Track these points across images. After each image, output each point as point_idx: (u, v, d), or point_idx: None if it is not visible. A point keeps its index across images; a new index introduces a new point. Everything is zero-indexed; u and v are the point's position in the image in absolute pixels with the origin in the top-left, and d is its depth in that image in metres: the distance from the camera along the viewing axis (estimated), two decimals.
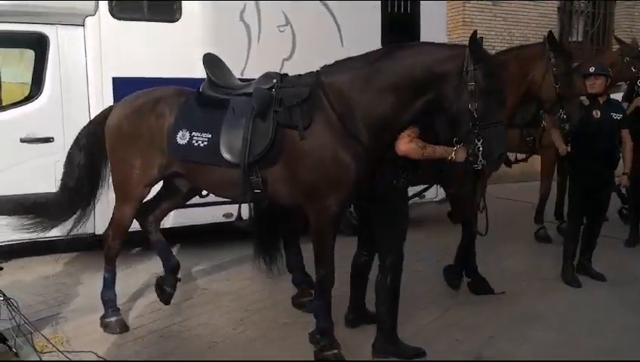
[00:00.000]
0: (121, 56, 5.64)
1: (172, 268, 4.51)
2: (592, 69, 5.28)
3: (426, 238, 6.64)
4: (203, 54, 4.11)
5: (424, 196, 5.26)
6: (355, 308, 4.31)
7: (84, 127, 4.49)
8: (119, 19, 5.64)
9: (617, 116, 5.32)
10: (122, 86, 5.38)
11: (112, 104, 4.84)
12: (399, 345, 3.83)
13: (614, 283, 5.42)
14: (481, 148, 3.35)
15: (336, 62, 3.75)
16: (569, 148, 5.26)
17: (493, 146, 3.37)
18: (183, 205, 4.80)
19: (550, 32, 5.18)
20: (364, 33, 6.36)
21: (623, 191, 6.99)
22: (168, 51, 5.75)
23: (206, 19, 5.91)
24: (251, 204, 3.86)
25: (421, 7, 6.93)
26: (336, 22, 6.52)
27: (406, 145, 3.56)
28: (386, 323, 3.83)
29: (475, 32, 3.48)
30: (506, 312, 4.71)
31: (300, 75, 3.87)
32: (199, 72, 4.17)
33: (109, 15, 5.59)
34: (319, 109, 3.59)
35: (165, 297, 4.47)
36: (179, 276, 4.61)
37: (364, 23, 6.55)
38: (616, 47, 7.94)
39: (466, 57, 3.36)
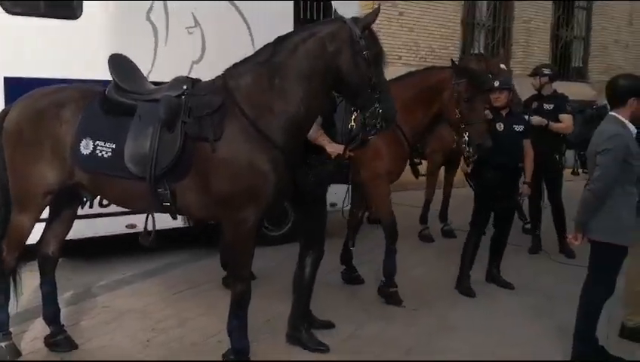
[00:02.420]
0: (14, 55, 5.15)
1: (51, 317, 4.06)
2: (496, 83, 5.37)
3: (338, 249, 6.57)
4: (109, 55, 3.80)
5: (335, 205, 5.30)
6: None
7: None
8: (13, 13, 5.15)
9: (519, 128, 5.44)
10: (15, 87, 4.88)
11: (3, 107, 4.37)
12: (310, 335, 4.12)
13: (521, 290, 5.55)
14: (381, 111, 3.44)
15: (236, 65, 3.58)
16: (469, 169, 5.37)
17: (390, 107, 3.51)
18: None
19: (452, 60, 5.32)
20: (276, 36, 6.18)
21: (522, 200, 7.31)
22: (68, 50, 5.31)
23: (109, 18, 5.52)
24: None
25: (333, 13, 6.85)
26: (247, 24, 6.32)
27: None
28: (298, 312, 4.13)
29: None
30: (421, 323, 4.70)
31: (212, 80, 3.65)
32: (102, 73, 3.85)
33: (1, 9, 5.10)
34: (231, 117, 3.41)
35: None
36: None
37: (276, 25, 6.37)
38: (518, 59, 8.24)
39: (351, 27, 3.42)
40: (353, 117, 3.58)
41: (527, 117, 6.60)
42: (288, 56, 3.45)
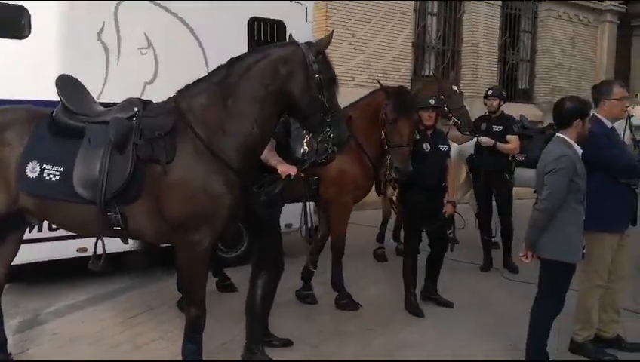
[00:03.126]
0: None
1: None
2: (432, 101, 5.38)
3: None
4: (57, 76, 3.72)
5: (291, 225, 5.36)
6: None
7: None
8: None
9: (444, 148, 5.47)
10: None
11: None
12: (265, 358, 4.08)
13: (474, 308, 5.62)
14: (332, 136, 3.47)
15: (188, 86, 3.56)
16: (395, 194, 5.41)
17: (341, 131, 3.54)
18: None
19: (379, 82, 5.41)
20: (230, 56, 6.18)
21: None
22: (15, 71, 5.18)
23: (59, 38, 5.43)
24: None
25: (287, 35, 6.90)
26: (200, 45, 6.30)
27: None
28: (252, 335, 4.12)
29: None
30: (377, 343, 4.71)
31: (164, 101, 3.62)
32: (52, 94, 3.76)
33: None
34: (185, 139, 3.38)
35: None
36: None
37: (231, 47, 6.37)
38: (468, 80, 8.42)
39: (304, 51, 3.46)
40: (305, 140, 3.60)
41: (475, 137, 6.78)
42: (242, 77, 3.45)
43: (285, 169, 3.84)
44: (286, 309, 5.24)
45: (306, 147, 3.66)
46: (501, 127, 6.93)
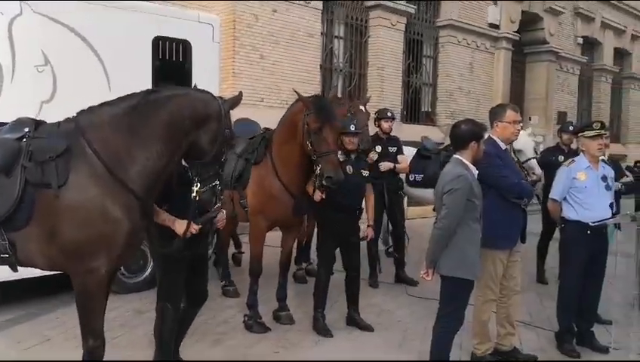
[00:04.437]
0: None
1: None
2: (352, 127, 5.46)
3: None
4: None
5: None
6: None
7: None
8: None
9: (365, 173, 5.60)
10: None
11: None
12: None
13: (382, 326, 5.70)
14: (219, 188, 3.54)
15: (92, 108, 3.44)
16: (323, 195, 5.30)
17: (223, 185, 3.61)
18: None
19: (296, 91, 5.41)
20: (133, 77, 6.05)
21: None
22: None
23: None
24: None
25: (193, 55, 6.85)
26: (102, 64, 6.13)
27: None
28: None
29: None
30: None
31: (58, 122, 3.47)
32: None
33: None
34: (81, 161, 3.25)
35: None
36: None
37: (134, 66, 6.27)
38: (373, 103, 8.64)
39: (220, 103, 3.50)
40: (195, 188, 3.48)
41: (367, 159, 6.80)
42: (157, 107, 3.39)
43: (181, 228, 3.63)
44: (197, 334, 5.12)
45: (195, 194, 3.49)
46: (395, 148, 7.24)
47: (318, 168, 4.96)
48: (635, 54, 22.77)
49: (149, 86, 6.11)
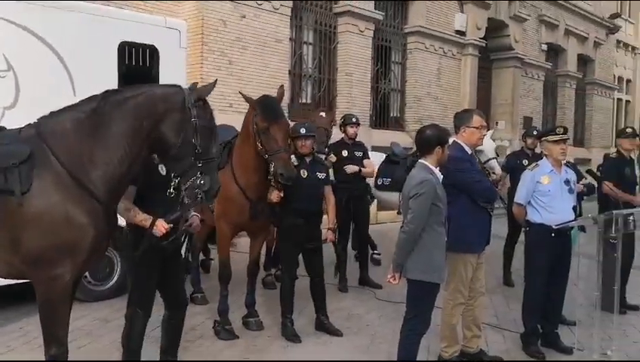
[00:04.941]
0: None
1: None
2: (302, 131, 5.42)
3: None
4: None
5: None
6: None
7: None
8: None
9: (322, 175, 5.56)
10: None
11: None
12: None
13: (351, 330, 5.72)
14: (202, 182, 3.40)
15: (53, 113, 3.40)
16: (281, 194, 5.30)
17: (213, 180, 3.47)
18: None
19: (241, 93, 5.42)
20: (99, 83, 5.93)
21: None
22: None
23: None
24: None
25: (160, 61, 6.80)
26: (67, 69, 6.04)
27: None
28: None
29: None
30: None
31: (19, 128, 3.41)
32: None
33: None
34: (44, 167, 3.20)
35: None
36: None
37: (100, 72, 6.19)
38: (342, 108, 8.69)
39: (186, 94, 3.44)
40: (173, 183, 3.49)
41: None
42: (116, 108, 3.36)
43: (151, 227, 3.67)
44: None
45: (172, 191, 3.52)
46: (361, 153, 7.33)
47: (272, 166, 5.00)
48: (597, 61, 23.28)
49: None
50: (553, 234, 5.10)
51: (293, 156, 5.38)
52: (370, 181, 7.79)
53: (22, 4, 5.70)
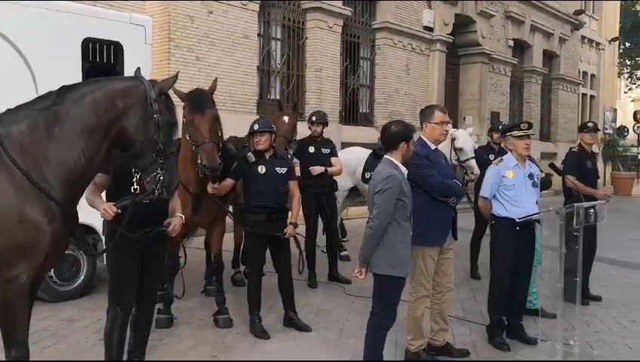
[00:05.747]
0: None
1: None
2: (256, 126, 5.39)
3: None
4: None
5: None
6: None
7: None
8: None
9: (282, 170, 5.47)
10: None
11: None
12: None
13: (320, 325, 5.74)
14: (162, 178, 3.40)
15: (8, 111, 3.32)
16: (216, 185, 5.29)
17: (173, 176, 3.48)
18: None
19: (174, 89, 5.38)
20: (62, 80, 5.81)
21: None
22: None
23: None
24: None
25: (125, 57, 6.71)
26: (29, 66, 5.93)
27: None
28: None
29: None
30: None
31: None
32: None
33: None
34: None
35: None
36: None
37: (63, 69, 6.08)
38: (312, 104, 8.67)
39: (147, 89, 3.39)
40: (135, 179, 3.49)
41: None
42: (73, 105, 3.29)
43: (102, 211, 3.72)
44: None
45: (136, 186, 3.52)
46: (329, 150, 7.36)
47: (199, 158, 5.00)
48: (562, 56, 23.68)
49: None
50: (518, 228, 5.18)
51: (250, 153, 5.40)
52: (358, 174, 8.02)
53: None
